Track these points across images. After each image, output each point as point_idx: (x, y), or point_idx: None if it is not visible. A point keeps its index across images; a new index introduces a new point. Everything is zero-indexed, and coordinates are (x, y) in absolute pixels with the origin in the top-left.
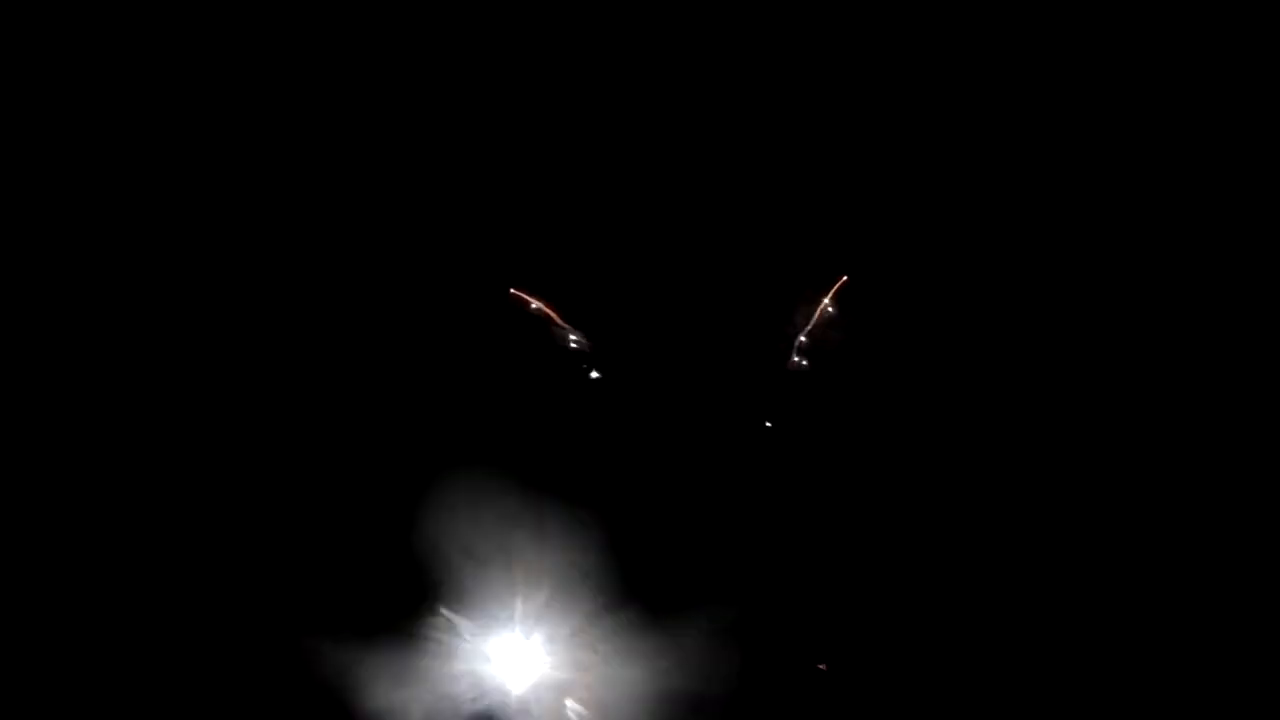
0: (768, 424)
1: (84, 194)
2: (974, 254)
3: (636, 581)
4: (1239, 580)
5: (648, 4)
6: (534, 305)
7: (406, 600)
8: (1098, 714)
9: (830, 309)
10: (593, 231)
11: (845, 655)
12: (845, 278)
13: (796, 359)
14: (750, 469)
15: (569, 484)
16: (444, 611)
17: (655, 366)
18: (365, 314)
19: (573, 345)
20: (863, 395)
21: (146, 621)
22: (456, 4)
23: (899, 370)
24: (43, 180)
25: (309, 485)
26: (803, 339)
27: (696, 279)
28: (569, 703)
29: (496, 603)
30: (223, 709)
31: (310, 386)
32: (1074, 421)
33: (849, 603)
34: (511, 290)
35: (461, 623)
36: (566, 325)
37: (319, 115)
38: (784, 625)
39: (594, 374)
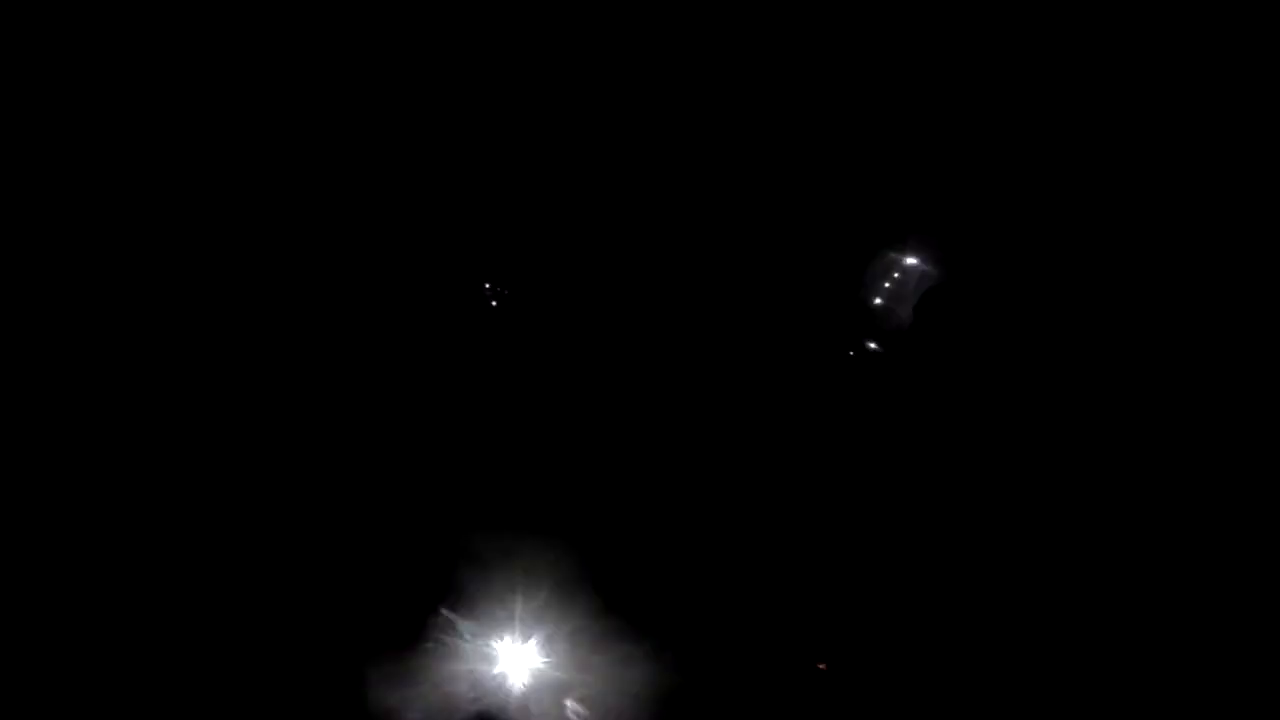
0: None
1: (80, 193)
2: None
3: (637, 579)
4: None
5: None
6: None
7: (404, 600)
8: (1098, 714)
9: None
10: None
11: (845, 655)
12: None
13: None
14: (754, 465)
15: (569, 482)
16: (444, 612)
17: (654, 359)
18: (355, 313)
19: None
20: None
21: (137, 621)
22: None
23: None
24: (37, 180)
25: (304, 485)
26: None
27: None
28: (569, 703)
29: (496, 602)
30: (215, 709)
31: (302, 384)
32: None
33: (850, 603)
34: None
35: (461, 623)
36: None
37: (311, 113)
38: (784, 625)
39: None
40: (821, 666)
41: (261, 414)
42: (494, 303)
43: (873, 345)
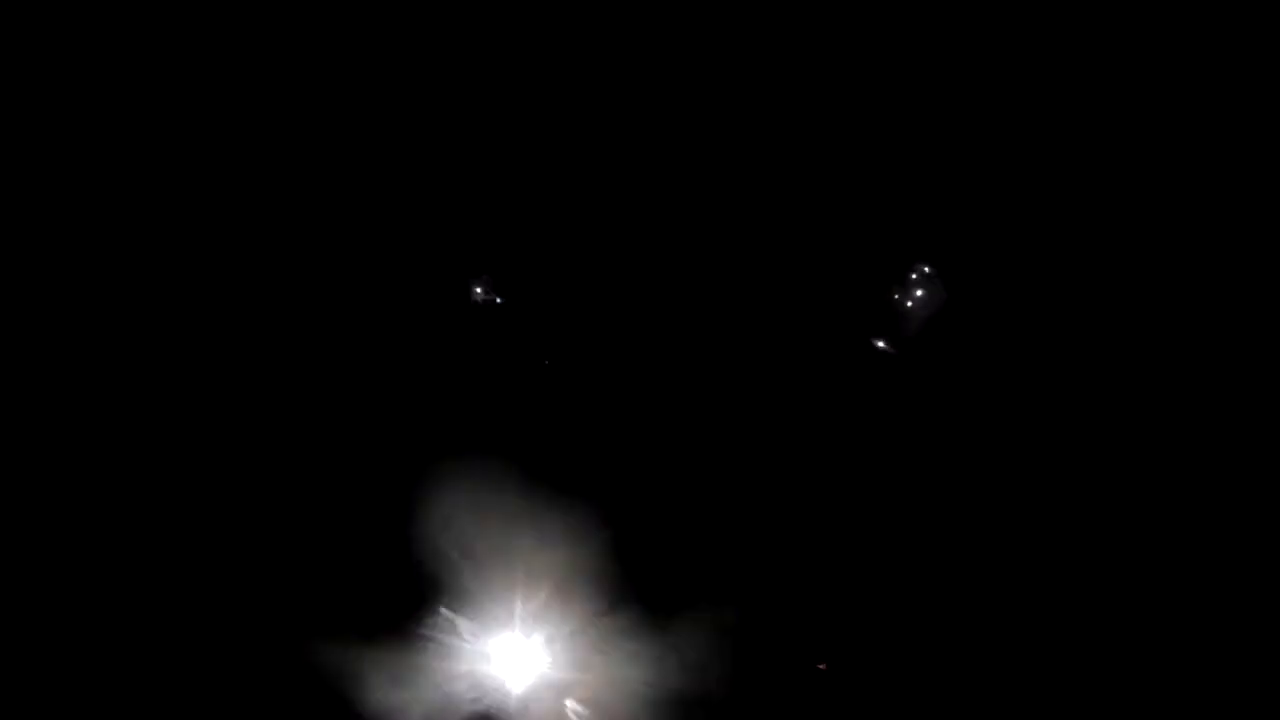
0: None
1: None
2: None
3: (639, 580)
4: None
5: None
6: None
7: (405, 599)
8: (1098, 714)
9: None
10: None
11: (845, 655)
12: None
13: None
14: (753, 465)
15: (570, 479)
16: (443, 611)
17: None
18: (353, 311)
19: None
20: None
21: (137, 620)
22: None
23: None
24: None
25: (304, 485)
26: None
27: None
28: (569, 703)
29: (496, 602)
30: (216, 709)
31: (301, 384)
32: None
33: (849, 603)
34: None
35: (461, 622)
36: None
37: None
38: (784, 625)
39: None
40: (822, 667)
41: (261, 414)
42: (496, 301)
43: (879, 349)
